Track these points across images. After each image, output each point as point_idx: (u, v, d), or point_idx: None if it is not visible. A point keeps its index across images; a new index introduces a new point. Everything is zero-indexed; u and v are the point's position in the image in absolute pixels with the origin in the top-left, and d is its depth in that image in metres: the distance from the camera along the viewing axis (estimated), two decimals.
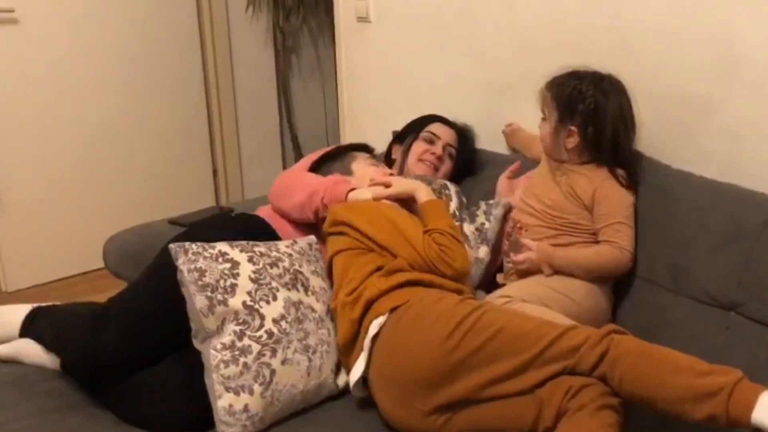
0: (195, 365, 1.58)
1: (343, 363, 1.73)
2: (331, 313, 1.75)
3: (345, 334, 1.67)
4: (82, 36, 3.50)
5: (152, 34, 3.75)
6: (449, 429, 1.53)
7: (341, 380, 1.72)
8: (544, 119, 1.95)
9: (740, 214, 1.72)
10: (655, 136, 2.01)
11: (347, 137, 3.00)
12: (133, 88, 3.72)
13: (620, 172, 1.87)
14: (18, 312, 1.87)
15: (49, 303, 1.95)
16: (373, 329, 1.61)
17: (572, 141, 1.89)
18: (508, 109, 2.16)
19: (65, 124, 3.52)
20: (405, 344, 1.56)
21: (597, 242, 1.87)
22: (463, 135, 2.36)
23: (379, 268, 1.72)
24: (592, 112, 1.84)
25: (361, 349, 1.64)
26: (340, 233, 1.81)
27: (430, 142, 2.27)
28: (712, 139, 1.94)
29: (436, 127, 2.31)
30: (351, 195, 1.90)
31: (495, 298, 1.81)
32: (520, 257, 1.89)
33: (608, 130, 1.84)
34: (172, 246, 1.62)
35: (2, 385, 1.72)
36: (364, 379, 1.64)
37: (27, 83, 3.36)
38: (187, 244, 1.62)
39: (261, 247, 1.71)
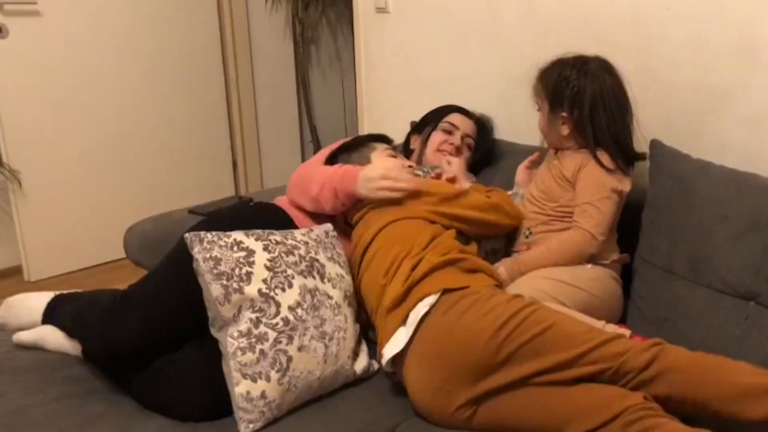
0: (214, 353, 1.59)
1: (379, 328, 1.71)
2: (348, 299, 1.76)
3: (394, 300, 1.66)
4: (104, 29, 3.54)
5: (173, 27, 3.77)
6: (476, 420, 1.54)
7: (358, 366, 1.73)
8: (539, 110, 1.98)
9: (760, 204, 1.70)
10: (674, 126, 2.00)
11: (366, 128, 3.01)
12: (155, 80, 3.75)
13: (601, 154, 1.87)
14: (40, 299, 1.89)
15: (71, 290, 1.98)
16: (423, 308, 1.61)
17: (566, 128, 1.91)
18: (526, 99, 2.15)
19: (86, 116, 3.55)
20: (454, 332, 1.56)
21: None
22: (482, 125, 2.36)
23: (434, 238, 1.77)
24: (576, 95, 1.86)
25: (399, 322, 1.64)
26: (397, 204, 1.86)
27: (449, 132, 2.27)
28: (732, 129, 1.92)
29: (454, 118, 2.30)
30: (363, 172, 1.89)
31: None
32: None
33: (586, 110, 1.85)
34: (187, 235, 1.63)
35: (25, 371, 1.75)
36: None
37: (49, 75, 3.40)
38: (202, 233, 1.63)
39: (276, 236, 1.71)
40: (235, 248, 1.63)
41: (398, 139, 2.37)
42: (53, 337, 1.82)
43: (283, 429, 1.57)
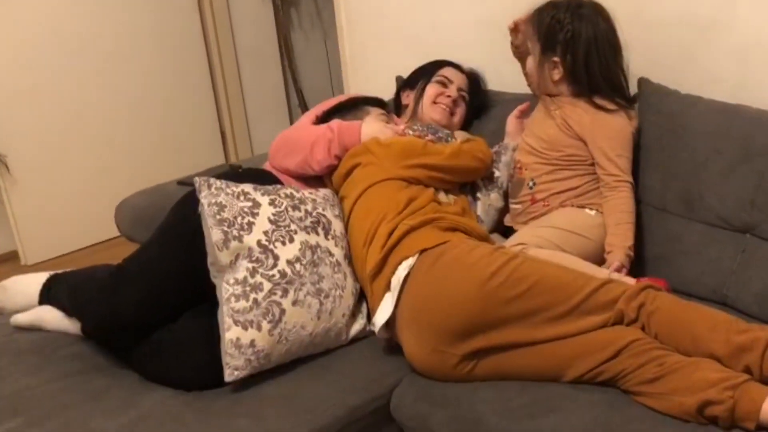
0: (212, 321, 1.60)
1: (368, 296, 1.72)
2: (349, 258, 1.75)
3: (374, 267, 1.66)
4: (80, 4, 3.47)
5: None
6: (477, 373, 1.54)
7: (354, 326, 1.73)
8: (529, 55, 1.94)
9: (752, 134, 1.69)
10: (661, 62, 1.97)
11: (351, 87, 2.97)
12: (134, 52, 3.69)
13: (599, 99, 1.84)
14: (36, 280, 1.88)
15: (66, 269, 1.97)
16: (402, 271, 1.60)
17: (558, 72, 1.88)
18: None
19: (68, 95, 3.51)
20: (440, 290, 1.55)
21: (594, 173, 1.86)
22: (474, 79, 2.32)
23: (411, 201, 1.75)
24: (570, 39, 1.83)
25: (384, 288, 1.63)
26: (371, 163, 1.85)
27: (444, 85, 2.24)
28: (720, 62, 1.90)
29: (447, 71, 2.27)
30: (364, 128, 1.92)
31: (510, 246, 1.78)
32: (619, 276, 1.69)
33: (581, 56, 1.82)
34: (197, 179, 1.65)
35: (25, 352, 1.75)
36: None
37: (29, 54, 3.34)
38: (211, 179, 1.66)
39: (287, 190, 1.74)
40: (242, 198, 1.65)
41: (383, 94, 2.34)
42: (51, 317, 1.81)
43: (288, 390, 1.58)
